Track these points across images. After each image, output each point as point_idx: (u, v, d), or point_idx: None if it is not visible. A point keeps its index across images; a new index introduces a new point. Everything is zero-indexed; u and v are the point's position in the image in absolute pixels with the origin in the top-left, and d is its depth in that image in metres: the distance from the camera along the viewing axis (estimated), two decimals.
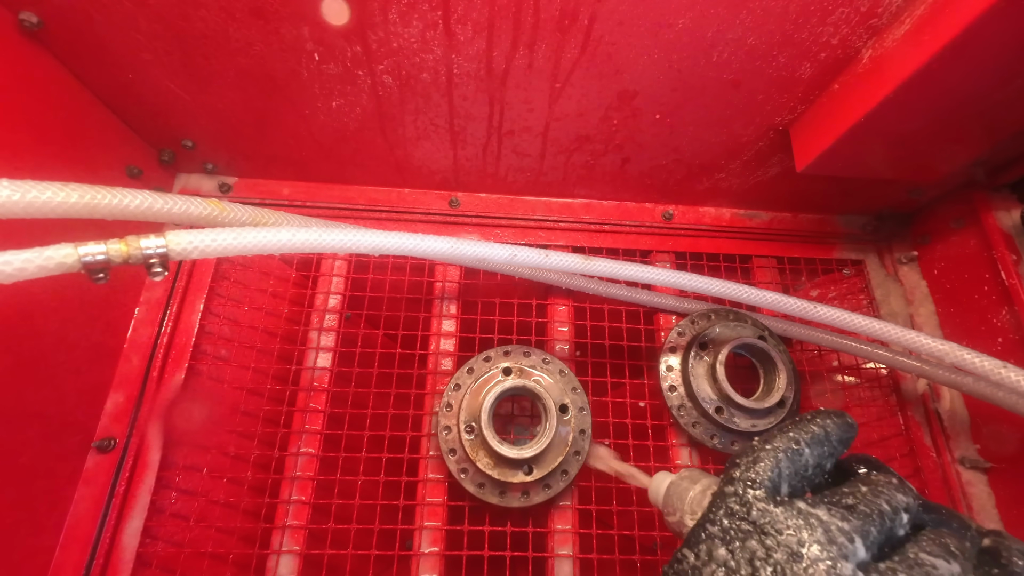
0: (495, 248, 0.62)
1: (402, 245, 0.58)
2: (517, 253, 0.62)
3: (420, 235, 0.59)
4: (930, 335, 0.64)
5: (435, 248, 0.59)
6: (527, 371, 0.74)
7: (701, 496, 0.47)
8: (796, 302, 0.68)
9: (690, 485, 0.48)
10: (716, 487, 0.42)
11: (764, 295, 0.69)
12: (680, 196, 0.90)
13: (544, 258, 0.64)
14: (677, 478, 0.50)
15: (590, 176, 0.87)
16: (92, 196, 0.45)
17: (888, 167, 0.76)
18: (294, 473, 0.73)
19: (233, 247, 0.50)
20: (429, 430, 0.76)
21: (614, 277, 0.69)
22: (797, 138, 0.75)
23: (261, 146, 0.82)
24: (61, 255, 0.43)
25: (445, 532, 0.71)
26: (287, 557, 0.70)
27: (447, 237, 0.61)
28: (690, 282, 0.70)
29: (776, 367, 0.77)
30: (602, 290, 0.82)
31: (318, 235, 0.54)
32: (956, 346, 0.61)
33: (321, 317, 0.81)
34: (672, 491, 0.50)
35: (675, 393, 0.80)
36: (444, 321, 0.82)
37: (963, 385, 0.71)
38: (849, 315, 0.67)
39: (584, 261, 0.66)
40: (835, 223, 0.94)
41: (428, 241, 0.59)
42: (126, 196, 0.47)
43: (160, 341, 0.77)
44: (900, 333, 0.65)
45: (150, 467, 0.71)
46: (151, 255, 0.46)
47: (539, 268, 0.64)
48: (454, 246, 0.60)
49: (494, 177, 0.87)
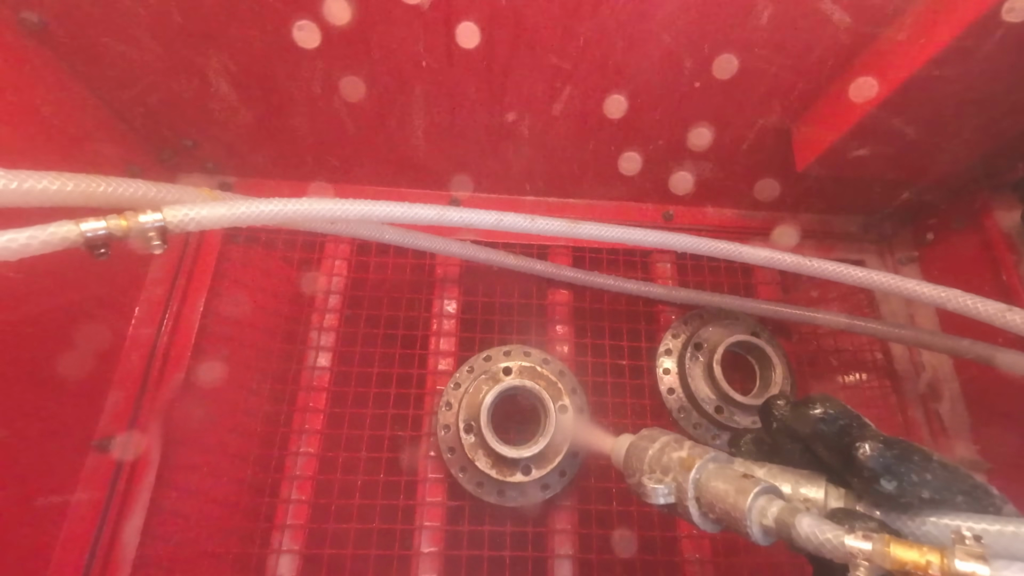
0: (481, 215, 0.62)
1: (390, 213, 0.58)
2: (503, 219, 0.63)
3: (407, 204, 0.59)
4: (930, 283, 0.63)
5: (422, 216, 0.60)
6: (527, 371, 0.74)
7: (659, 454, 0.45)
8: (789, 257, 0.68)
9: (648, 444, 0.47)
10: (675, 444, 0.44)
11: (757, 252, 0.69)
12: (680, 196, 0.90)
13: (530, 223, 0.64)
14: (637, 438, 0.49)
15: (590, 176, 0.87)
16: (88, 185, 0.46)
17: (889, 167, 0.77)
18: (294, 472, 0.73)
19: (227, 218, 0.51)
20: (428, 429, 0.76)
21: (601, 239, 0.69)
22: (798, 138, 0.75)
23: (261, 145, 0.82)
24: (64, 231, 0.44)
25: (444, 532, 0.71)
26: (287, 556, 0.69)
27: (434, 206, 0.61)
28: (678, 242, 0.70)
29: (771, 362, 0.77)
30: (604, 283, 0.82)
31: (308, 205, 0.54)
32: (958, 292, 0.60)
33: (321, 316, 0.81)
34: (632, 452, 0.48)
35: (674, 396, 0.80)
36: (444, 320, 0.82)
37: (959, 350, 0.71)
38: (842, 266, 0.66)
39: (571, 225, 0.66)
40: (835, 223, 0.94)
41: (415, 209, 0.59)
42: (121, 184, 0.48)
43: (160, 340, 0.77)
44: (897, 282, 0.64)
45: (150, 466, 0.71)
46: (149, 228, 0.46)
47: (525, 232, 0.65)
48: (440, 213, 0.60)
49: (494, 177, 0.87)
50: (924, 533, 0.36)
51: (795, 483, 0.41)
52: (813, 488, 0.40)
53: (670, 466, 0.44)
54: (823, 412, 0.39)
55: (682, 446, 0.45)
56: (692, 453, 0.44)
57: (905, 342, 0.82)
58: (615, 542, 0.71)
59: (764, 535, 0.38)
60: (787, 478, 0.41)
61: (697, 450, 0.44)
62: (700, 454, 0.44)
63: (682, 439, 0.47)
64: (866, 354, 0.87)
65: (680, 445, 0.45)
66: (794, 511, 0.36)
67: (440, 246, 0.75)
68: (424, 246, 0.74)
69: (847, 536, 0.33)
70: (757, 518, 0.38)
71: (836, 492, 0.39)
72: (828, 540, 0.34)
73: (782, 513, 0.37)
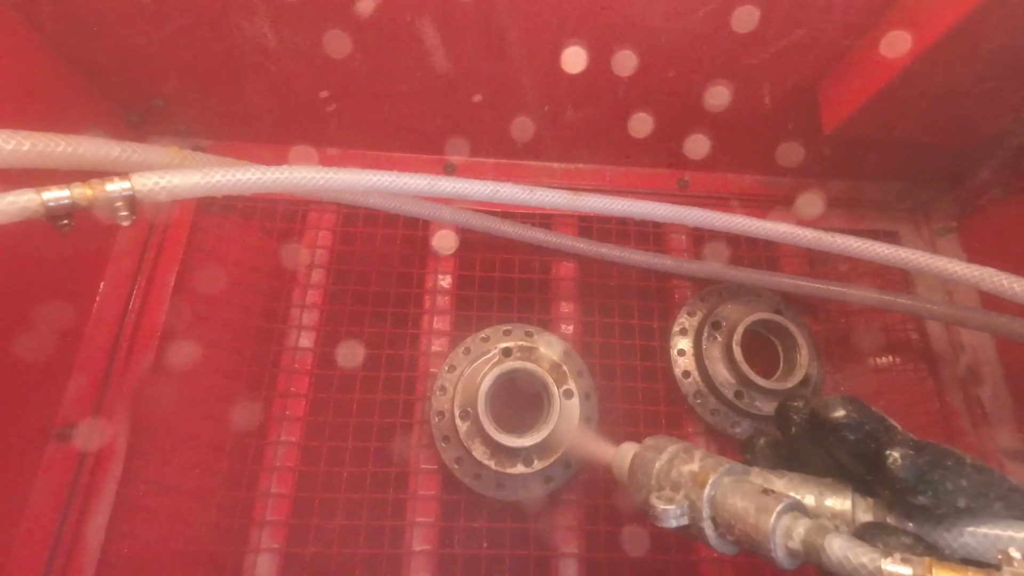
0: (475, 185, 0.60)
1: (377, 183, 0.56)
2: (500, 189, 0.61)
3: (396, 173, 0.57)
4: (960, 261, 0.61)
5: (411, 185, 0.57)
6: (529, 352, 0.70)
7: (668, 467, 0.42)
8: (810, 232, 0.65)
9: (655, 456, 0.44)
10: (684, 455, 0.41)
11: (777, 227, 0.66)
12: (696, 161, 0.85)
13: (528, 194, 0.62)
14: (642, 448, 0.46)
15: (598, 139, 0.83)
16: (46, 144, 0.45)
17: (925, 129, 0.72)
18: (274, 463, 0.69)
19: (201, 187, 0.49)
20: (421, 416, 0.72)
21: (606, 212, 0.67)
22: (825, 97, 0.71)
23: (237, 105, 0.77)
24: (24, 200, 0.42)
25: (438, 528, 0.68)
26: (266, 556, 0.66)
27: (424, 175, 0.58)
28: (688, 215, 0.68)
29: (796, 343, 0.73)
30: (613, 256, 0.78)
31: (289, 174, 0.52)
32: (991, 271, 0.58)
33: (303, 292, 0.77)
34: (637, 464, 0.45)
35: (690, 379, 0.75)
36: (438, 297, 0.78)
37: (1002, 329, 0.68)
38: (867, 243, 0.63)
39: (573, 198, 0.64)
40: (866, 190, 0.89)
41: (404, 179, 0.57)
42: (81, 144, 0.47)
43: (127, 318, 0.73)
44: (926, 259, 0.61)
45: (116, 456, 0.67)
46: (116, 198, 0.45)
47: (523, 205, 0.64)
48: (432, 183, 0.58)
49: (492, 140, 0.83)
50: (962, 545, 0.34)
51: (819, 494, 0.39)
52: (839, 499, 0.38)
53: (681, 482, 0.41)
54: (846, 417, 0.37)
55: (693, 457, 0.42)
56: (704, 466, 0.41)
57: (943, 320, 0.78)
58: (625, 539, 0.67)
59: (790, 559, 0.36)
60: (810, 488, 0.39)
61: (710, 461, 0.41)
62: (713, 467, 0.41)
63: (692, 448, 0.44)
64: (900, 333, 0.82)
65: (690, 456, 0.42)
66: (823, 531, 0.34)
67: (432, 212, 0.71)
68: (415, 212, 0.71)
69: (884, 560, 0.31)
70: (782, 540, 0.35)
71: (864, 503, 0.37)
72: (863, 565, 0.32)
73: (810, 534, 0.34)
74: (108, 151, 0.48)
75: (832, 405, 0.37)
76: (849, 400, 0.37)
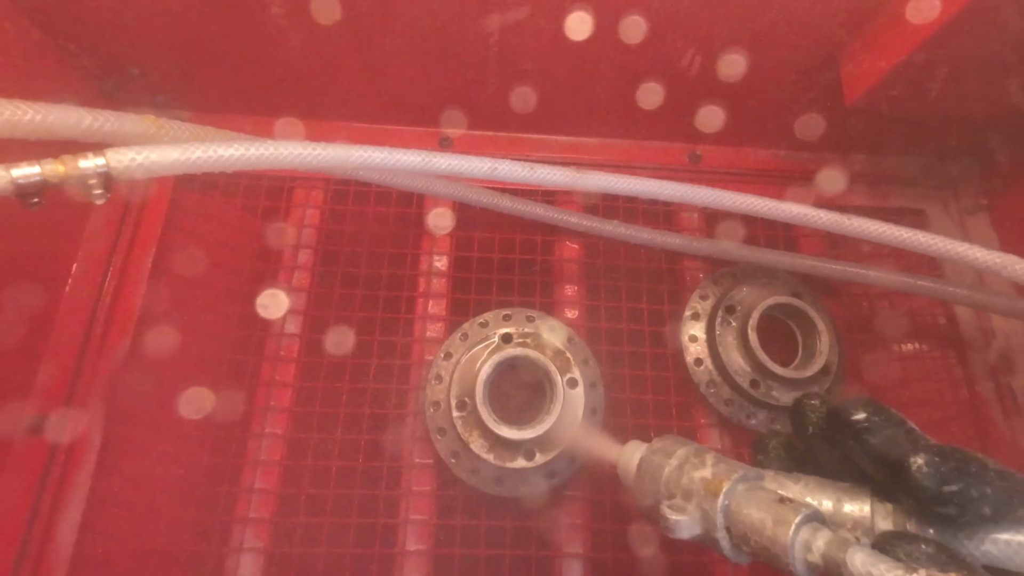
0: (472, 162, 0.58)
1: (368, 158, 0.54)
2: (498, 167, 0.59)
3: (388, 148, 0.55)
4: (982, 247, 0.58)
5: (404, 162, 0.55)
6: (530, 338, 0.68)
7: (678, 473, 0.41)
8: (824, 214, 0.63)
9: (663, 461, 0.43)
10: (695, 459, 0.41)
11: (790, 208, 0.64)
12: (709, 134, 0.82)
13: (528, 172, 0.60)
14: (649, 452, 0.45)
15: (604, 110, 0.79)
16: (12, 112, 0.43)
17: (954, 100, 0.69)
18: (257, 457, 0.67)
19: (181, 164, 0.47)
20: (415, 407, 0.70)
21: (610, 191, 0.65)
22: (847, 66, 0.69)
23: (219, 74, 0.74)
24: None
25: (434, 527, 0.66)
26: (249, 555, 0.63)
27: (418, 150, 0.56)
28: (697, 195, 0.65)
29: (816, 328, 0.71)
30: (618, 233, 0.76)
31: (275, 150, 0.51)
32: (1014, 259, 0.56)
33: (289, 275, 0.74)
34: (645, 470, 0.44)
35: (702, 367, 0.73)
36: (434, 279, 0.75)
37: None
38: (885, 226, 0.61)
39: (576, 176, 0.62)
40: (891, 165, 0.86)
41: (397, 155, 0.55)
42: (51, 112, 0.45)
43: (101, 303, 0.70)
44: (947, 245, 0.59)
45: (90, 449, 0.65)
46: (90, 175, 0.44)
47: (523, 183, 0.63)
48: (426, 160, 0.56)
49: (491, 111, 0.79)
50: (984, 553, 0.34)
51: (837, 500, 0.38)
52: (858, 504, 0.37)
53: (692, 489, 0.40)
54: (867, 420, 0.36)
55: (704, 462, 0.41)
56: (717, 472, 0.40)
57: (973, 305, 0.74)
58: (634, 538, 0.65)
59: (810, 573, 0.35)
60: (827, 493, 0.38)
61: (722, 467, 0.40)
62: (726, 473, 0.39)
63: (703, 451, 0.43)
64: (927, 318, 0.78)
65: (702, 460, 0.41)
66: (844, 544, 0.33)
67: (427, 185, 0.68)
68: (409, 185, 0.68)
69: None
70: (801, 554, 0.34)
71: (883, 509, 0.37)
72: None
73: (830, 548, 0.33)
74: (79, 120, 0.47)
75: (852, 407, 0.37)
76: (869, 402, 0.37)
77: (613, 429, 0.68)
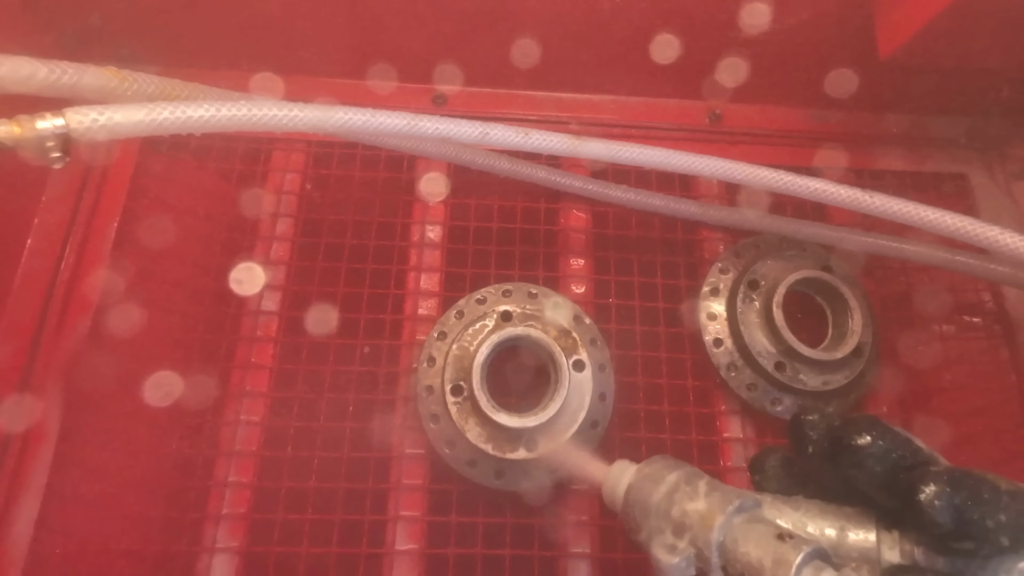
0: (461, 126, 0.57)
1: (349, 122, 0.53)
2: (489, 131, 0.58)
3: (371, 111, 0.54)
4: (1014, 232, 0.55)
5: (389, 125, 0.54)
6: (532, 316, 0.66)
7: (667, 502, 0.39)
8: (844, 190, 0.61)
9: (652, 488, 0.41)
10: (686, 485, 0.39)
11: (808, 183, 0.62)
12: (730, 91, 0.79)
13: (523, 138, 0.59)
14: (637, 477, 0.43)
15: (614, 65, 0.77)
16: None
17: (999, 54, 0.67)
18: (232, 447, 0.65)
19: (147, 125, 0.46)
20: (406, 392, 0.67)
21: (610, 160, 0.64)
22: (881, 17, 0.67)
23: (190, 24, 0.72)
24: None
25: (426, 524, 0.63)
26: (223, 556, 0.61)
27: (404, 112, 0.55)
28: (707, 166, 0.63)
29: (847, 305, 0.68)
30: (629, 199, 0.73)
31: (248, 110, 0.50)
32: None
33: (267, 246, 0.71)
34: (632, 497, 0.42)
35: (722, 348, 0.69)
36: (426, 251, 0.73)
37: None
38: (909, 205, 0.58)
39: (575, 143, 0.61)
40: (930, 126, 0.82)
41: (380, 117, 0.54)
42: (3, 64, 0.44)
43: (60, 278, 0.68)
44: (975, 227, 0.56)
45: (47, 439, 0.62)
46: (48, 136, 0.43)
47: (517, 149, 0.61)
48: (412, 123, 0.55)
49: (491, 66, 0.77)
50: None
51: (840, 528, 0.37)
52: (862, 533, 0.36)
53: (685, 523, 0.38)
54: (871, 445, 0.35)
55: (697, 490, 0.39)
56: (711, 503, 0.38)
57: (1018, 285, 0.70)
58: None
59: None
60: (829, 521, 0.37)
61: (716, 497, 0.38)
62: (720, 505, 0.38)
63: (695, 476, 0.41)
64: (970, 295, 0.75)
65: (694, 488, 0.40)
66: None
67: (417, 144, 0.67)
68: (397, 144, 0.67)
69: None
70: None
71: (890, 538, 0.36)
72: None
73: None
74: (33, 72, 0.45)
75: (854, 429, 0.36)
76: (873, 423, 0.36)
77: (624, 416, 0.65)
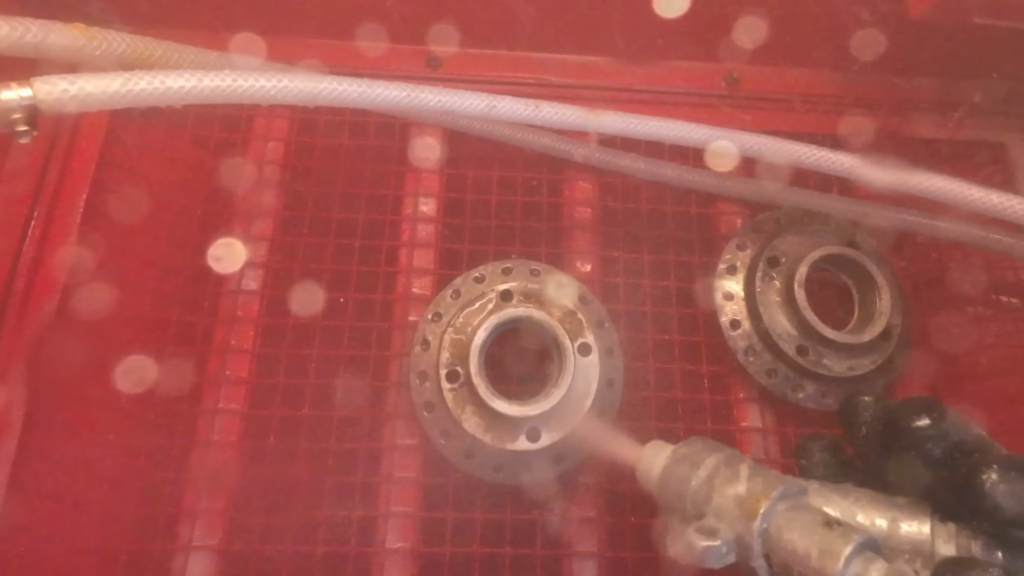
0: (467, 99, 0.55)
1: (344, 93, 0.51)
2: (497, 104, 0.57)
3: (367, 81, 0.52)
4: None
5: (386, 97, 0.52)
6: (534, 296, 0.64)
7: (706, 487, 0.39)
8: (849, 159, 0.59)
9: (690, 471, 0.40)
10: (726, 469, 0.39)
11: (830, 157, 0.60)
12: (748, 53, 0.75)
13: (533, 110, 0.58)
14: (672, 460, 0.42)
15: (623, 24, 0.74)
16: None
17: None
18: (209, 437, 0.62)
19: (122, 96, 0.44)
20: (398, 378, 0.65)
21: (629, 134, 0.61)
22: None
23: None
24: None
25: (420, 520, 0.61)
26: (200, 555, 0.59)
27: (403, 84, 0.52)
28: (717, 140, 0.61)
29: (875, 284, 0.66)
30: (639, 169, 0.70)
31: (232, 81, 0.48)
32: None
33: (247, 221, 0.68)
34: (668, 479, 0.41)
35: (739, 331, 0.67)
36: (420, 226, 0.70)
37: None
38: (933, 178, 0.56)
39: (589, 116, 0.59)
40: (963, 90, 0.78)
41: (377, 89, 0.52)
42: None
43: (24, 256, 0.64)
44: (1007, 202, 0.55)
45: (9, 429, 0.59)
46: (14, 108, 0.42)
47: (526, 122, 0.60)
48: (412, 95, 0.53)
49: (490, 26, 0.74)
50: None
51: (892, 519, 0.37)
52: (916, 525, 0.36)
53: (725, 508, 0.38)
54: (931, 427, 0.35)
55: (738, 474, 0.39)
56: (753, 487, 0.38)
57: None
58: (658, 533, 0.58)
59: None
60: (881, 511, 0.37)
61: (759, 481, 0.38)
62: (764, 490, 0.37)
63: (735, 459, 0.40)
64: (1007, 272, 0.71)
65: (734, 472, 0.39)
66: None
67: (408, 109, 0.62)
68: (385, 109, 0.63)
69: None
70: None
71: (945, 531, 0.35)
72: None
73: None
74: None
75: (913, 411, 0.36)
76: (932, 404, 0.36)
77: (633, 405, 0.63)
